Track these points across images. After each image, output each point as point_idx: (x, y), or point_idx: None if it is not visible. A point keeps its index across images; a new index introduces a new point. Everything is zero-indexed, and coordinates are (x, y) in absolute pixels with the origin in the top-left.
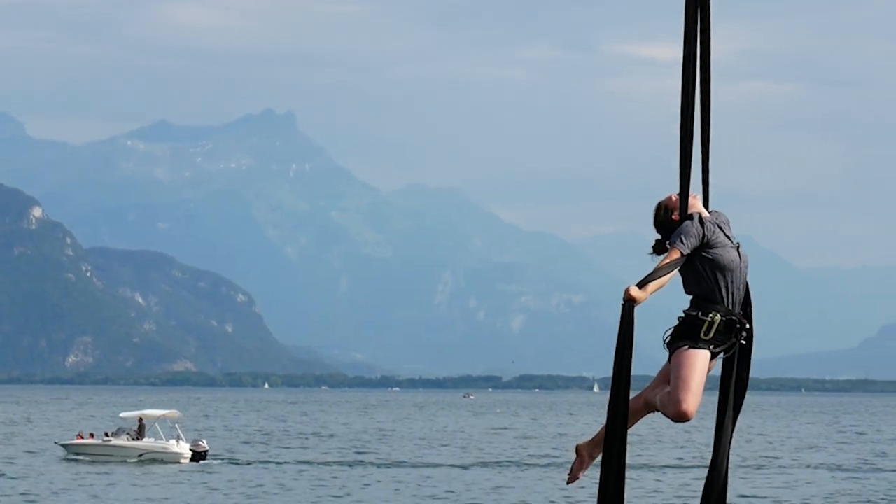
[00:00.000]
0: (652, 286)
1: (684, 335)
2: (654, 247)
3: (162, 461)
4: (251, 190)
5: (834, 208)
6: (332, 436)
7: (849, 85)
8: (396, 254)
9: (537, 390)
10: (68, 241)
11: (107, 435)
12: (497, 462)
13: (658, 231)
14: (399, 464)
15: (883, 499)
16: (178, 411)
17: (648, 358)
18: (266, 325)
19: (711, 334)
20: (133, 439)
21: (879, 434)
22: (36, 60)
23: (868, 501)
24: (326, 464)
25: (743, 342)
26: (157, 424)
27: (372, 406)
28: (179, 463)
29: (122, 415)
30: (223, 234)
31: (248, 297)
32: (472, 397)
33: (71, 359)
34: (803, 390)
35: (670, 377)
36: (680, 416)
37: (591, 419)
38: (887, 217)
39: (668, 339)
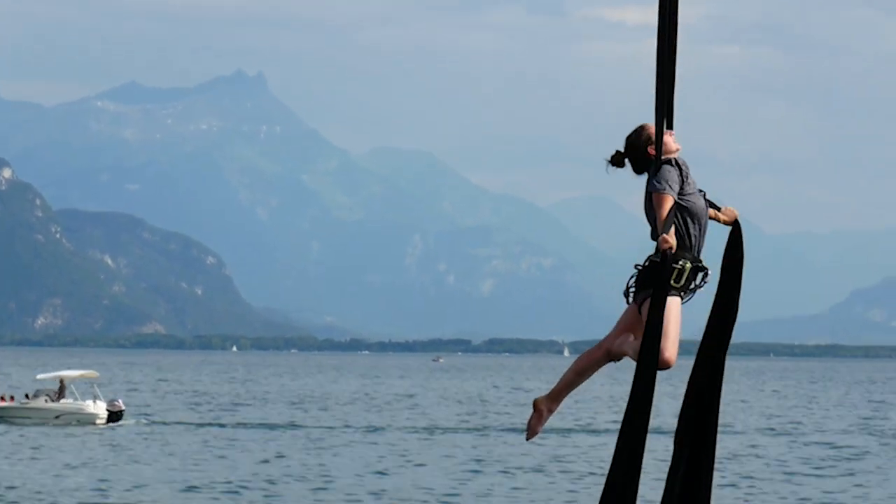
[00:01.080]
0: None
1: (652, 283)
2: (612, 157)
3: (78, 422)
4: (222, 152)
5: (804, 173)
6: (264, 399)
7: (820, 49)
8: (367, 217)
9: (507, 354)
10: (38, 202)
11: (26, 397)
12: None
13: (626, 149)
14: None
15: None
16: (96, 372)
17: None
18: (236, 287)
19: (682, 281)
20: (52, 401)
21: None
22: (6, 21)
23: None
24: (243, 425)
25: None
26: (100, 388)
27: (327, 368)
28: (95, 423)
29: (39, 376)
30: (194, 197)
31: (217, 260)
32: (441, 360)
33: (40, 320)
34: (772, 355)
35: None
36: (663, 365)
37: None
38: (858, 182)
39: (632, 289)
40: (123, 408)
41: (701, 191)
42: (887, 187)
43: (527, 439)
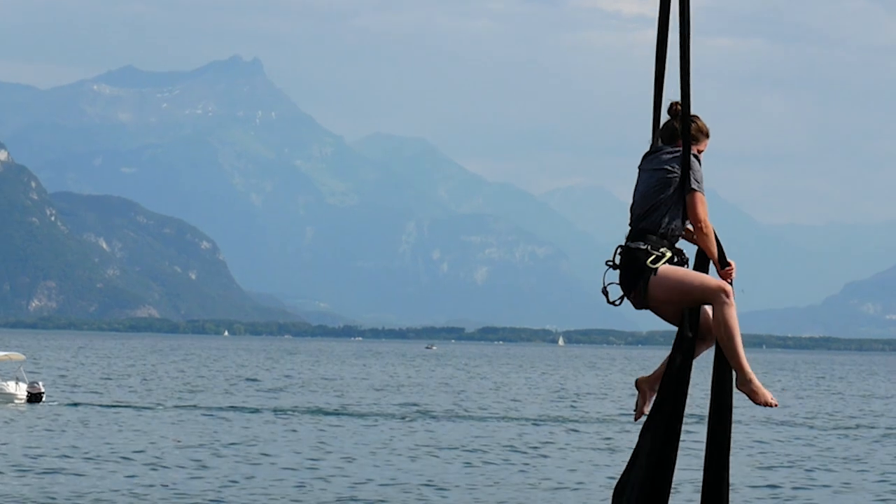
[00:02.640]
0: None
1: (640, 271)
2: (665, 127)
3: None
4: (217, 136)
5: (799, 165)
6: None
7: (815, 40)
8: (361, 203)
9: (500, 342)
10: (33, 184)
11: None
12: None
13: (669, 127)
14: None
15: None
16: (22, 354)
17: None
18: (230, 272)
19: (658, 265)
20: None
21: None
22: (2, 3)
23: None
24: (158, 406)
25: None
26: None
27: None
28: (14, 403)
29: None
30: (188, 181)
31: (212, 245)
32: (434, 348)
33: (34, 303)
34: (764, 347)
35: (678, 300)
36: (731, 294)
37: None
38: (852, 174)
39: (609, 284)
40: (43, 390)
41: None
42: (882, 180)
43: (635, 420)
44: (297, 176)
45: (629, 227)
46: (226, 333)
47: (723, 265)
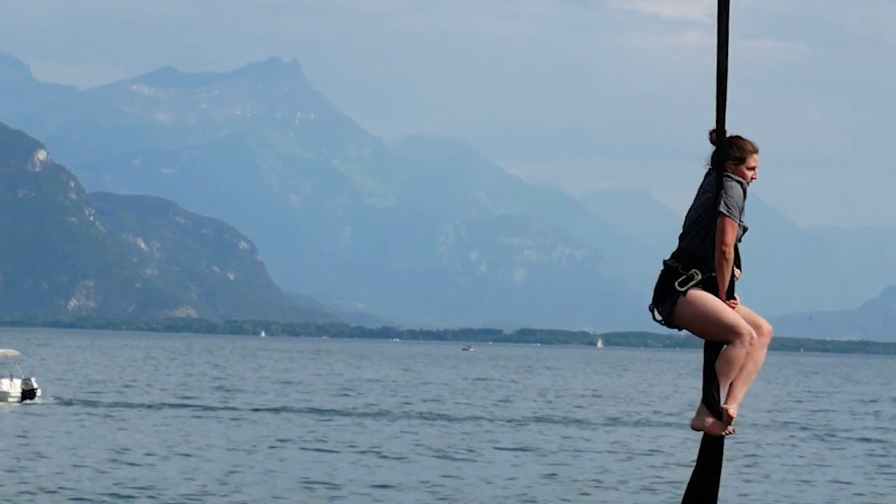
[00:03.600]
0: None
1: (670, 291)
2: (714, 135)
3: None
4: (255, 137)
5: (838, 168)
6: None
7: (854, 44)
8: (399, 204)
9: (538, 344)
10: (72, 184)
11: None
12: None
13: (717, 145)
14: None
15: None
16: (17, 351)
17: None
18: (268, 273)
19: (685, 287)
20: None
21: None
22: (43, 4)
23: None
24: (150, 406)
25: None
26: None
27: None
28: (7, 401)
29: None
30: (227, 182)
31: (250, 245)
32: (471, 350)
33: (73, 302)
34: (802, 350)
35: (700, 329)
36: (746, 341)
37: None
38: (891, 177)
39: (655, 297)
40: (36, 387)
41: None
42: None
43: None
44: (336, 177)
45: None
46: (262, 334)
47: (728, 297)
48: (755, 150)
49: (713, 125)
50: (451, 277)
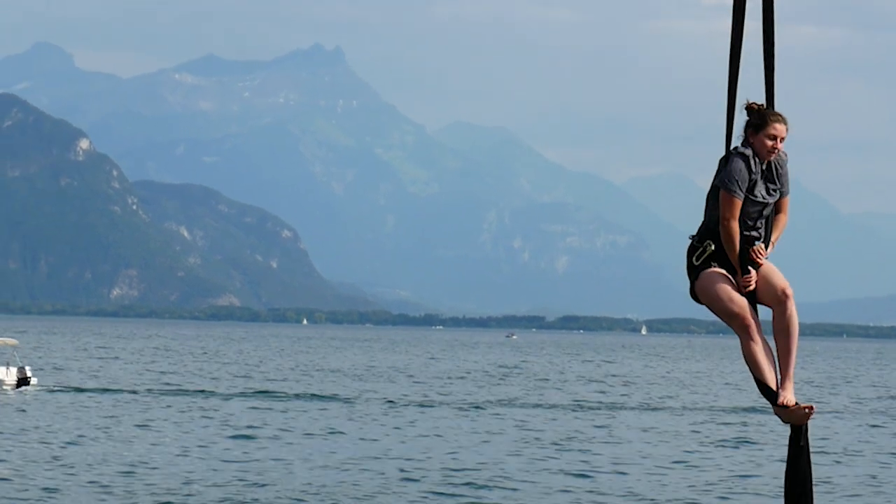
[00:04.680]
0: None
1: (691, 267)
2: (749, 107)
3: None
4: (298, 125)
5: (881, 153)
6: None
7: (894, 27)
8: (442, 192)
9: (581, 331)
10: (115, 173)
11: None
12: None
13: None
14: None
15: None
16: (15, 339)
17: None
18: (311, 261)
19: (699, 262)
20: None
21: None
22: None
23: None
24: (134, 392)
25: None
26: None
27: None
28: (2, 388)
29: None
30: (269, 170)
31: (293, 233)
32: (514, 337)
33: (116, 291)
34: (845, 336)
35: (713, 310)
36: (745, 336)
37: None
38: None
39: (688, 274)
40: (30, 375)
41: (778, 192)
42: None
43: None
44: (379, 165)
45: None
46: (304, 322)
47: (743, 272)
48: (778, 120)
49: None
50: (493, 265)
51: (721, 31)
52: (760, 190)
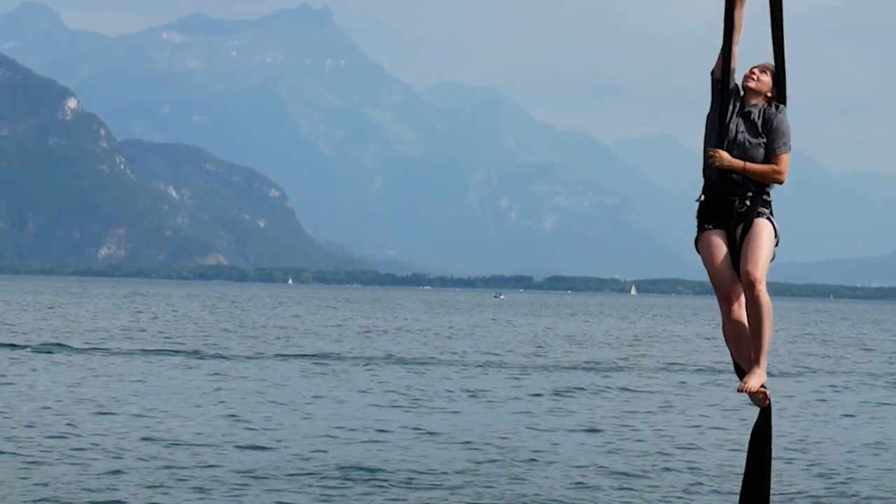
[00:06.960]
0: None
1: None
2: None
3: None
4: (285, 85)
5: (868, 114)
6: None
7: None
8: (429, 151)
9: (569, 291)
10: (102, 132)
11: None
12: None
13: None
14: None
15: None
16: None
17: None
18: (299, 220)
19: (699, 217)
20: None
21: None
22: None
23: None
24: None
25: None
26: None
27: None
28: None
29: None
30: (257, 129)
31: (281, 193)
32: (502, 297)
33: (103, 251)
34: (832, 297)
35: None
36: (724, 314)
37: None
38: None
39: None
40: None
41: (760, 143)
42: None
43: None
44: (366, 124)
45: None
46: (290, 281)
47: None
48: (757, 65)
49: (745, 70)
50: (481, 224)
51: None
52: (735, 124)
